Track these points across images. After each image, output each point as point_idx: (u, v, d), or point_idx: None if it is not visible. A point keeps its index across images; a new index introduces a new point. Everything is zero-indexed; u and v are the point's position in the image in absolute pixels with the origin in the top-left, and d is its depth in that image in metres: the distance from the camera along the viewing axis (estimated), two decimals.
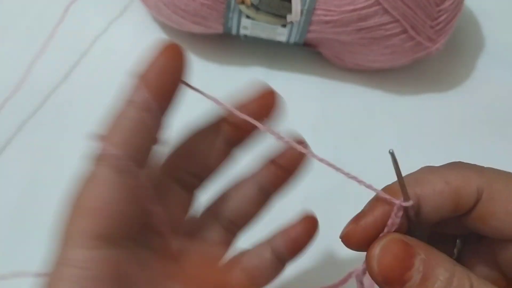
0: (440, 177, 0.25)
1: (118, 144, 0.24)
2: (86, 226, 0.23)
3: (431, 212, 0.25)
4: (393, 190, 0.26)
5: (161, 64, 0.25)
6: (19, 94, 0.50)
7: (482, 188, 0.25)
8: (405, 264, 0.23)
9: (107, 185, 0.23)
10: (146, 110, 0.24)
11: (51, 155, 0.48)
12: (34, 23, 0.55)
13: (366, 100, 0.54)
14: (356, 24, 0.48)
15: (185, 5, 0.49)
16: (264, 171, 0.31)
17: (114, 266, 0.23)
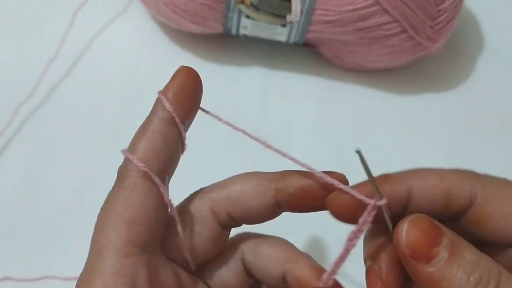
0: (436, 173, 0.26)
1: (147, 155, 0.25)
2: (119, 235, 0.24)
3: (421, 204, 0.25)
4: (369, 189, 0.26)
5: (181, 83, 0.27)
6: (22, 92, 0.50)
7: (475, 192, 0.25)
8: (433, 240, 0.23)
9: (137, 194, 0.25)
10: (170, 123, 0.26)
11: (52, 153, 0.48)
12: (42, 27, 0.55)
13: (366, 100, 0.54)
14: (356, 24, 0.48)
15: (184, 5, 0.49)
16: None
17: (147, 271, 0.25)
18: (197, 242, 0.28)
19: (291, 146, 0.50)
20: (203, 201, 0.28)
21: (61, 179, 0.47)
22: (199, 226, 0.28)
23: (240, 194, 0.28)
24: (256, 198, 0.28)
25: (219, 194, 0.28)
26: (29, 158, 0.48)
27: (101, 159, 0.48)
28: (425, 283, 0.23)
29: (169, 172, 0.27)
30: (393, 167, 0.33)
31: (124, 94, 0.52)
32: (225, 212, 0.28)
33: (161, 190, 0.25)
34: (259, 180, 0.28)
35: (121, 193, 0.25)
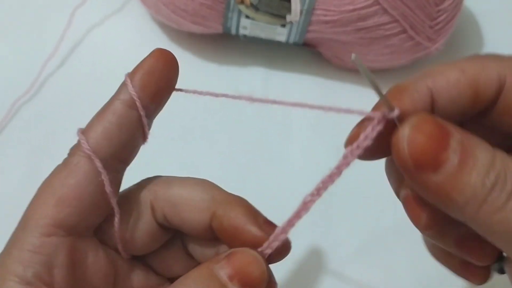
0: (454, 67, 0.23)
1: (99, 136, 0.24)
2: (47, 212, 0.23)
3: (447, 106, 0.22)
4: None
5: (150, 66, 0.25)
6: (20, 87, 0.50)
7: (504, 75, 0.22)
8: (441, 143, 0.20)
9: (76, 174, 0.24)
10: (130, 106, 0.24)
11: (51, 152, 0.48)
12: (41, 26, 0.55)
13: (366, 100, 0.54)
14: (356, 24, 0.48)
15: (184, 5, 0.49)
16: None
17: (68, 254, 0.24)
18: (133, 233, 0.26)
19: (290, 145, 0.50)
20: (146, 191, 0.26)
21: None
22: (137, 218, 0.26)
23: (181, 201, 0.26)
24: (193, 212, 0.26)
25: (163, 191, 0.26)
26: (28, 157, 0.48)
27: None
28: (433, 194, 0.20)
29: (123, 158, 0.25)
30: None
31: None
32: (161, 212, 0.26)
33: (102, 177, 0.24)
34: (205, 194, 0.26)
35: (63, 170, 0.24)
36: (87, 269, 0.25)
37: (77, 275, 0.24)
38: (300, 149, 0.50)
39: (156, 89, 0.25)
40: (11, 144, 0.48)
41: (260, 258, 0.23)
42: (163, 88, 0.25)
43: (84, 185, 0.24)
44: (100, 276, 0.25)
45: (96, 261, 0.25)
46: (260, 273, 0.23)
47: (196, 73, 0.53)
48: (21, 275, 0.22)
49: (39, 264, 0.23)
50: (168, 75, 0.25)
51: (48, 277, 0.23)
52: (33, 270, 0.23)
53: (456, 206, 0.20)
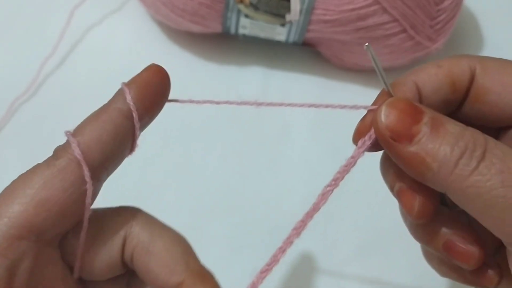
0: (432, 64, 0.26)
1: (91, 141, 0.23)
2: (22, 212, 0.22)
3: (431, 95, 0.25)
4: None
5: (147, 79, 0.25)
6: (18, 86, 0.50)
7: (474, 65, 0.25)
8: (414, 118, 0.23)
9: (62, 178, 0.23)
10: (127, 117, 0.24)
11: (47, 151, 0.48)
12: (39, 26, 0.55)
13: (365, 99, 0.53)
14: (355, 24, 0.47)
15: (183, 4, 0.49)
16: None
17: (32, 262, 0.22)
18: (95, 257, 0.25)
19: (289, 145, 0.50)
20: (124, 225, 0.25)
21: None
22: (104, 245, 0.25)
23: (155, 252, 0.24)
24: (163, 270, 0.24)
25: (141, 232, 0.25)
26: (26, 157, 0.48)
27: None
28: (410, 163, 0.23)
29: (108, 168, 0.24)
30: None
31: None
32: (130, 252, 0.25)
33: (87, 186, 0.23)
34: (181, 259, 0.25)
35: (46, 170, 0.23)
36: (43, 281, 0.23)
37: (32, 285, 0.23)
38: (299, 151, 0.50)
39: (151, 102, 0.25)
40: (10, 144, 0.48)
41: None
42: (158, 101, 0.25)
43: (69, 192, 0.22)
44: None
45: (53, 274, 0.24)
46: None
47: (195, 73, 0.53)
48: None
49: (3, 267, 0.21)
50: (163, 89, 0.26)
51: (8, 283, 0.21)
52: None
53: (431, 173, 0.22)
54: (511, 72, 0.25)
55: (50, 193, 0.22)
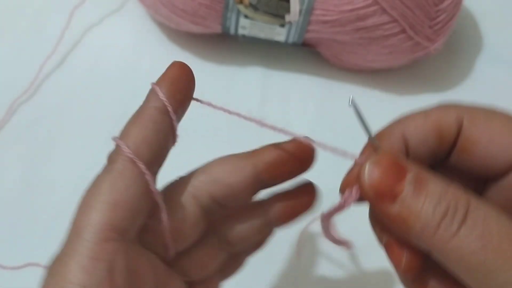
0: (419, 113, 0.26)
1: (138, 141, 0.25)
2: (101, 218, 0.24)
3: (418, 147, 0.26)
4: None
5: (174, 76, 0.27)
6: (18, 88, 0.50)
7: (461, 116, 0.25)
8: (397, 177, 0.23)
9: (124, 178, 0.24)
10: (163, 112, 0.26)
11: (49, 152, 0.48)
12: (39, 26, 0.56)
13: (365, 100, 0.54)
14: (355, 24, 0.48)
15: (183, 5, 0.49)
16: (274, 206, 0.30)
17: (125, 258, 0.24)
18: (178, 229, 0.27)
19: None
20: (183, 187, 0.28)
21: (58, 176, 0.47)
22: (180, 213, 0.27)
23: (219, 174, 0.28)
24: (235, 175, 0.28)
25: (199, 178, 0.28)
26: (26, 157, 0.48)
27: (98, 157, 0.48)
28: (393, 223, 0.23)
29: (159, 161, 0.27)
30: None
31: (122, 93, 0.52)
32: (206, 195, 0.28)
33: (147, 178, 0.25)
34: (236, 158, 0.28)
35: (108, 176, 0.25)
36: (139, 275, 0.25)
37: (132, 280, 0.25)
38: None
39: (181, 97, 0.27)
40: (10, 144, 0.48)
41: None
42: (187, 95, 0.28)
43: (133, 188, 0.25)
44: (146, 282, 0.26)
45: (143, 266, 0.26)
46: None
47: (195, 73, 0.53)
48: (86, 283, 0.22)
49: (103, 270, 0.23)
50: (189, 84, 0.28)
51: (111, 282, 0.23)
52: (97, 277, 0.23)
53: (415, 233, 0.22)
54: (498, 124, 0.25)
55: (119, 194, 0.24)
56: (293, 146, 0.29)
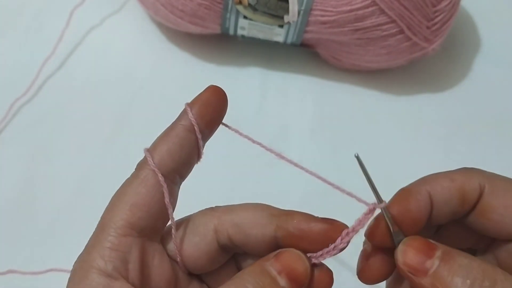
0: (446, 176, 0.28)
1: (163, 154, 0.28)
2: (123, 215, 0.27)
3: (442, 205, 0.28)
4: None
5: (207, 99, 0.30)
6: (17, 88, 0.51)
7: (484, 184, 0.28)
8: (427, 254, 0.26)
9: (146, 184, 0.28)
10: (190, 130, 0.29)
11: (49, 151, 0.48)
12: (39, 27, 0.56)
13: (363, 100, 0.54)
14: (353, 25, 0.48)
15: (182, 5, 0.49)
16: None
17: (140, 252, 0.27)
18: (192, 252, 0.30)
19: (288, 146, 0.50)
20: (210, 217, 0.30)
21: (59, 176, 0.47)
22: (199, 238, 0.30)
23: (243, 220, 0.30)
24: (257, 228, 0.29)
25: (226, 216, 0.30)
26: (26, 157, 0.48)
27: (97, 157, 0.48)
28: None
29: (182, 174, 0.29)
30: (390, 166, 0.34)
31: (121, 93, 0.52)
32: (226, 233, 0.30)
33: (163, 190, 0.28)
34: (264, 212, 0.30)
35: (134, 181, 0.28)
36: (153, 269, 0.28)
37: (145, 273, 0.28)
38: (298, 151, 0.50)
39: (210, 119, 0.30)
40: (10, 144, 0.48)
41: (303, 257, 0.27)
42: (216, 118, 0.30)
43: (153, 194, 0.28)
44: (163, 279, 0.29)
45: (161, 265, 0.29)
46: (304, 268, 0.27)
47: (194, 73, 0.53)
48: (103, 268, 0.26)
49: (118, 259, 0.27)
50: (220, 108, 0.30)
51: (125, 271, 0.27)
52: (113, 264, 0.26)
53: None
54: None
55: (139, 197, 0.28)
56: (325, 227, 0.28)
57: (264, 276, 0.26)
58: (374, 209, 0.27)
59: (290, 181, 0.47)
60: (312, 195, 0.44)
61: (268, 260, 0.27)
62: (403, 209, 0.28)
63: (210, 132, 0.30)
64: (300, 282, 0.27)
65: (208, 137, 0.30)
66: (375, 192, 0.28)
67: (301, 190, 0.47)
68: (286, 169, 0.31)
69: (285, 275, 0.27)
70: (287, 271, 0.27)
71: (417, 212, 0.28)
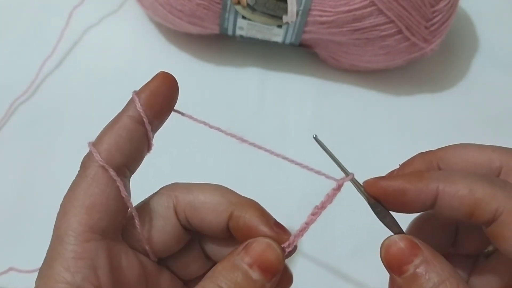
0: (466, 183, 0.26)
1: (111, 147, 0.27)
2: (79, 221, 0.26)
3: (445, 209, 0.27)
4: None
5: (156, 87, 0.28)
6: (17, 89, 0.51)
7: (501, 211, 0.26)
8: (407, 258, 0.26)
9: (98, 183, 0.26)
10: (138, 122, 0.27)
11: (46, 151, 0.48)
12: (38, 27, 0.56)
13: (362, 100, 0.54)
14: (351, 25, 0.48)
15: (181, 6, 0.49)
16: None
17: (107, 255, 0.26)
18: (158, 236, 0.29)
19: (287, 146, 0.50)
20: (168, 197, 0.29)
21: (58, 174, 0.47)
22: (162, 221, 0.29)
23: (200, 205, 0.29)
24: (212, 214, 0.29)
25: (184, 197, 0.29)
26: (25, 156, 0.48)
27: None
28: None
29: (132, 167, 0.28)
30: (388, 166, 0.34)
31: (120, 93, 0.51)
32: (183, 214, 0.29)
33: (117, 183, 0.26)
34: (223, 198, 0.29)
35: (82, 181, 0.27)
36: (122, 270, 0.27)
37: (116, 276, 0.26)
38: (298, 150, 0.50)
39: (160, 108, 0.28)
40: (9, 143, 0.49)
41: (273, 244, 0.27)
42: (166, 107, 0.29)
43: (107, 192, 0.26)
44: (133, 278, 0.28)
45: (129, 263, 0.28)
46: (275, 256, 0.26)
47: (192, 74, 0.54)
48: (71, 281, 0.24)
49: (85, 267, 0.25)
50: (171, 96, 0.29)
51: (95, 279, 0.25)
52: (81, 274, 0.25)
53: None
54: None
55: (93, 198, 0.26)
56: (269, 235, 0.28)
57: (235, 272, 0.26)
58: (342, 184, 0.27)
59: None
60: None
61: (238, 254, 0.26)
62: (399, 192, 0.27)
63: (160, 122, 0.29)
64: (273, 271, 0.26)
65: (158, 127, 0.29)
66: (341, 167, 0.28)
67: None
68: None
69: (257, 267, 0.26)
70: (259, 263, 0.26)
71: (411, 202, 0.27)
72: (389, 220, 0.28)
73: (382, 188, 0.28)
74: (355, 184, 0.28)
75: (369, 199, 0.28)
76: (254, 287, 0.25)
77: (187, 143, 0.49)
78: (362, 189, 0.28)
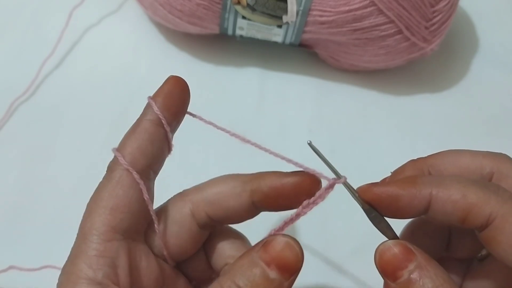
0: (459, 188, 0.26)
1: (134, 151, 0.28)
2: (102, 221, 0.27)
3: (438, 213, 0.27)
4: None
5: (169, 90, 0.29)
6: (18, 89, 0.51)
7: (495, 217, 0.26)
8: (401, 264, 0.26)
9: (122, 185, 0.27)
10: (158, 124, 0.29)
11: (46, 151, 0.48)
12: (38, 27, 0.56)
13: (361, 100, 0.54)
14: (351, 25, 0.48)
15: (181, 6, 0.49)
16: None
17: (127, 255, 0.27)
18: (175, 241, 0.30)
19: (286, 146, 0.50)
20: (183, 203, 0.30)
21: (58, 174, 0.47)
22: (178, 227, 0.30)
23: (217, 196, 0.30)
24: (232, 200, 0.29)
25: (198, 197, 0.30)
26: (25, 156, 0.48)
27: (96, 156, 0.48)
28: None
29: (155, 169, 0.29)
30: (388, 166, 0.34)
31: (120, 93, 0.52)
32: (204, 214, 0.30)
33: (140, 187, 0.28)
34: (235, 182, 0.30)
35: (108, 184, 0.28)
36: (141, 271, 0.28)
37: (135, 276, 0.28)
38: (297, 151, 0.50)
39: (176, 110, 0.29)
40: (9, 143, 0.49)
41: (291, 243, 0.27)
42: (181, 108, 0.30)
43: (130, 194, 0.27)
44: (152, 279, 0.29)
45: (149, 265, 0.29)
46: (294, 255, 0.27)
47: (192, 74, 0.54)
48: (92, 278, 0.26)
49: (106, 265, 0.26)
50: (184, 98, 0.30)
51: (115, 277, 0.26)
52: (102, 271, 0.26)
53: None
54: None
55: (117, 199, 0.27)
56: (297, 180, 0.29)
57: (253, 269, 0.26)
58: (334, 184, 0.28)
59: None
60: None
61: (257, 251, 0.26)
62: (393, 198, 0.27)
63: (177, 123, 0.30)
64: (292, 270, 0.26)
65: (176, 128, 0.30)
66: (333, 170, 0.28)
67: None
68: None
69: (275, 266, 0.26)
70: (277, 262, 0.26)
71: (404, 207, 0.27)
72: (383, 225, 0.28)
73: (375, 194, 0.28)
74: (348, 189, 0.28)
75: (363, 204, 0.28)
76: (271, 286, 0.26)
77: (187, 143, 0.49)
78: (356, 194, 0.28)
